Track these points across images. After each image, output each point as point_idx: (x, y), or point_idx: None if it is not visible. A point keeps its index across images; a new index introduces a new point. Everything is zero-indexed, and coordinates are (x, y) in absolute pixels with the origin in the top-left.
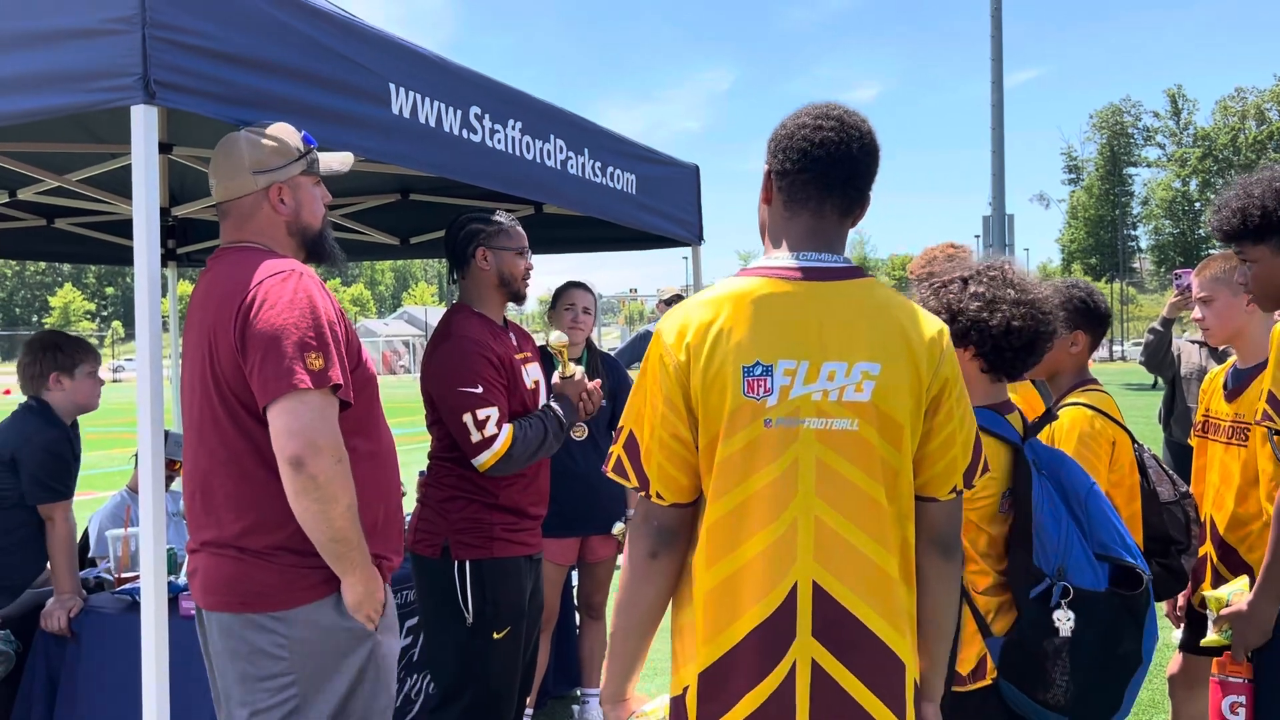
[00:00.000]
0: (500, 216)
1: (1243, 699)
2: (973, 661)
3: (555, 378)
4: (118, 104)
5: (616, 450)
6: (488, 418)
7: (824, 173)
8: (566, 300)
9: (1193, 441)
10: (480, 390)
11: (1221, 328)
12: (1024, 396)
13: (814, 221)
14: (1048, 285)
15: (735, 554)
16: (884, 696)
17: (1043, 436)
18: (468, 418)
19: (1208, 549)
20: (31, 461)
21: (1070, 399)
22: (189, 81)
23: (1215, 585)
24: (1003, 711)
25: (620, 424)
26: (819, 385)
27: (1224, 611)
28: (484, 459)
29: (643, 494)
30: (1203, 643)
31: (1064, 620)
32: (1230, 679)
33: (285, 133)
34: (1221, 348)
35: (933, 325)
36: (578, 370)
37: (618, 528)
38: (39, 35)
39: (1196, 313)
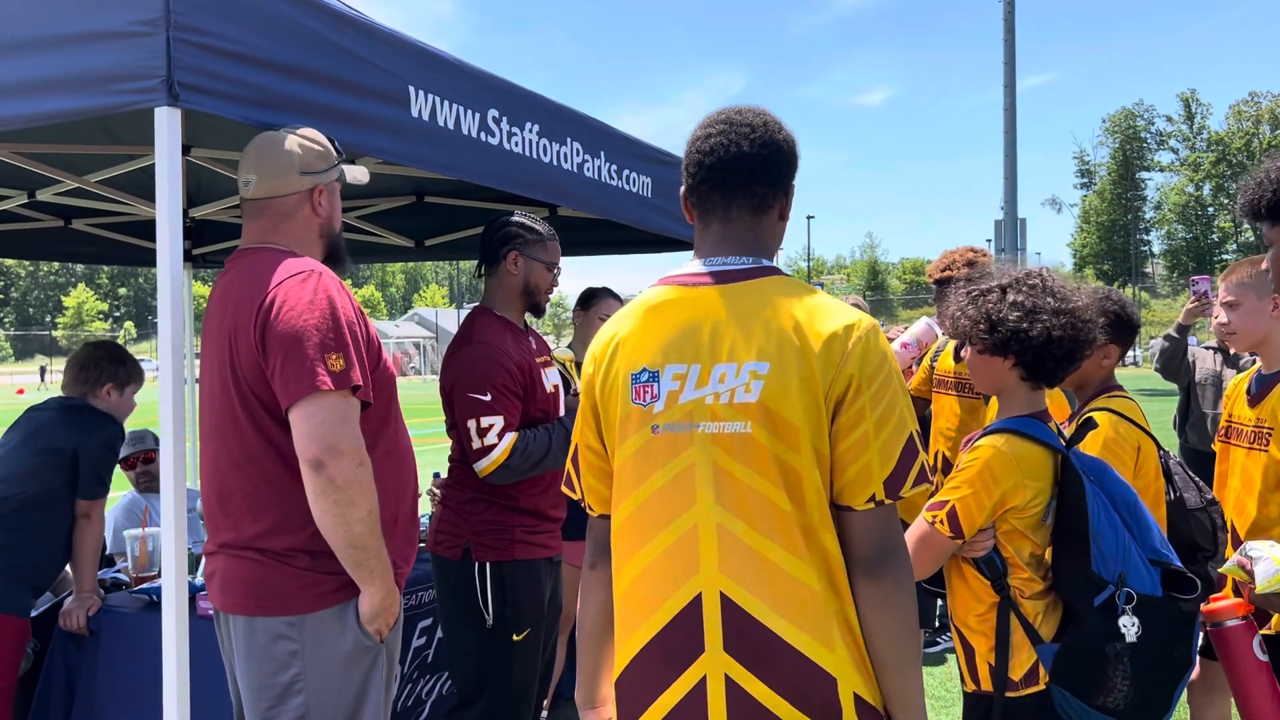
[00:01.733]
0: (540, 227)
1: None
2: (1024, 667)
3: (569, 396)
4: (141, 106)
5: (568, 464)
6: (490, 426)
7: (720, 178)
8: (602, 309)
9: (1216, 447)
10: (489, 398)
11: (1247, 333)
12: (1055, 403)
13: (723, 227)
14: (1085, 293)
15: (634, 560)
16: (810, 712)
17: None
18: (471, 424)
19: (1228, 554)
20: (93, 456)
21: (1095, 405)
22: (212, 84)
23: (1236, 591)
24: (1055, 717)
25: (573, 438)
26: (710, 388)
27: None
28: (482, 466)
29: (583, 505)
30: (1222, 569)
31: (1129, 626)
32: (1237, 620)
33: (322, 138)
34: (1243, 353)
35: (838, 320)
36: None
37: None
38: (63, 38)
39: (1222, 317)
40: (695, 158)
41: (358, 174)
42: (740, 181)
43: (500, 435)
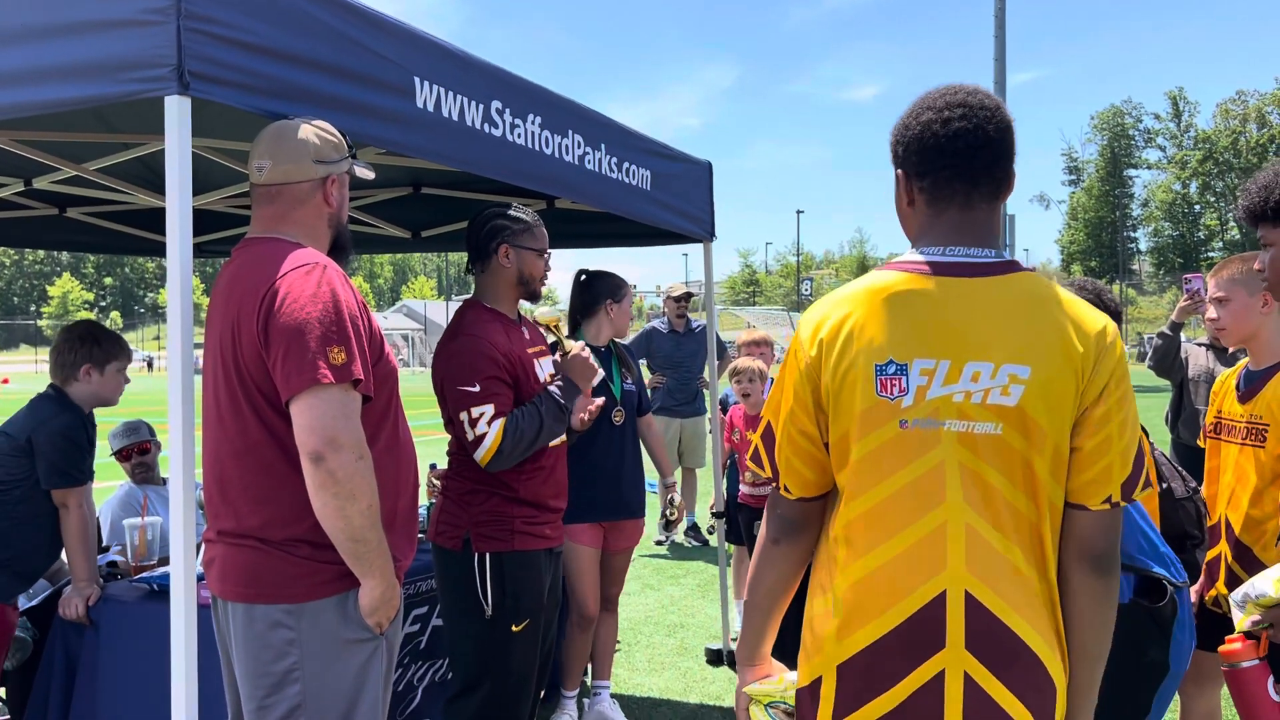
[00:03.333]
0: (525, 214)
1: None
2: None
3: (556, 357)
4: (151, 94)
5: (755, 439)
6: (480, 415)
7: (967, 165)
8: (630, 294)
9: (1203, 443)
10: (477, 389)
11: (1237, 328)
12: None
13: (961, 215)
14: (1070, 289)
15: (875, 552)
16: (1037, 713)
17: None
18: (463, 416)
19: (1222, 549)
20: (46, 445)
21: None
22: (222, 73)
23: (1230, 586)
24: None
25: (760, 413)
26: (960, 386)
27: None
28: (479, 456)
29: (774, 484)
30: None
31: None
32: (1255, 661)
33: (335, 130)
34: (1231, 350)
35: (1096, 322)
36: (574, 345)
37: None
38: (74, 26)
39: (1212, 313)
40: (934, 142)
41: (365, 171)
42: (985, 168)
43: (490, 423)
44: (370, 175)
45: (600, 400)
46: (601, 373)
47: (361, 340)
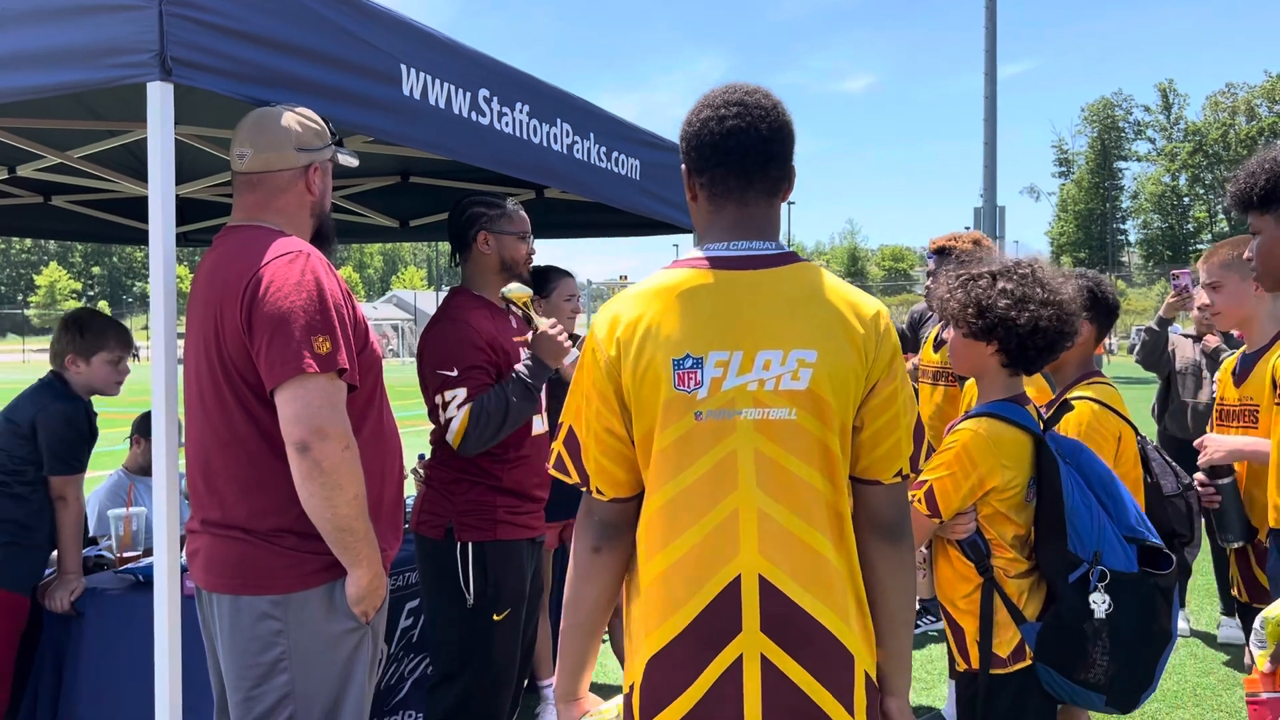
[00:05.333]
0: (502, 200)
1: None
2: (1010, 645)
3: (528, 335)
4: (134, 80)
5: (557, 446)
6: (453, 399)
7: (739, 163)
8: (566, 290)
9: (1214, 432)
10: (454, 373)
11: (1231, 313)
12: (1036, 385)
13: (739, 211)
14: (1071, 284)
15: (673, 545)
16: (833, 689)
17: None
18: (438, 399)
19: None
20: (47, 431)
21: (1075, 392)
22: (205, 59)
23: (1241, 566)
24: (1041, 692)
25: (560, 420)
26: (754, 375)
27: None
28: (450, 439)
29: (584, 489)
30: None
31: (1099, 603)
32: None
33: (317, 117)
34: (1215, 346)
35: (870, 307)
36: (544, 322)
37: None
38: (55, 11)
39: (1205, 299)
40: (710, 140)
41: (348, 159)
42: (758, 166)
43: (460, 406)
44: (353, 163)
45: (575, 353)
46: (575, 352)
47: (346, 329)
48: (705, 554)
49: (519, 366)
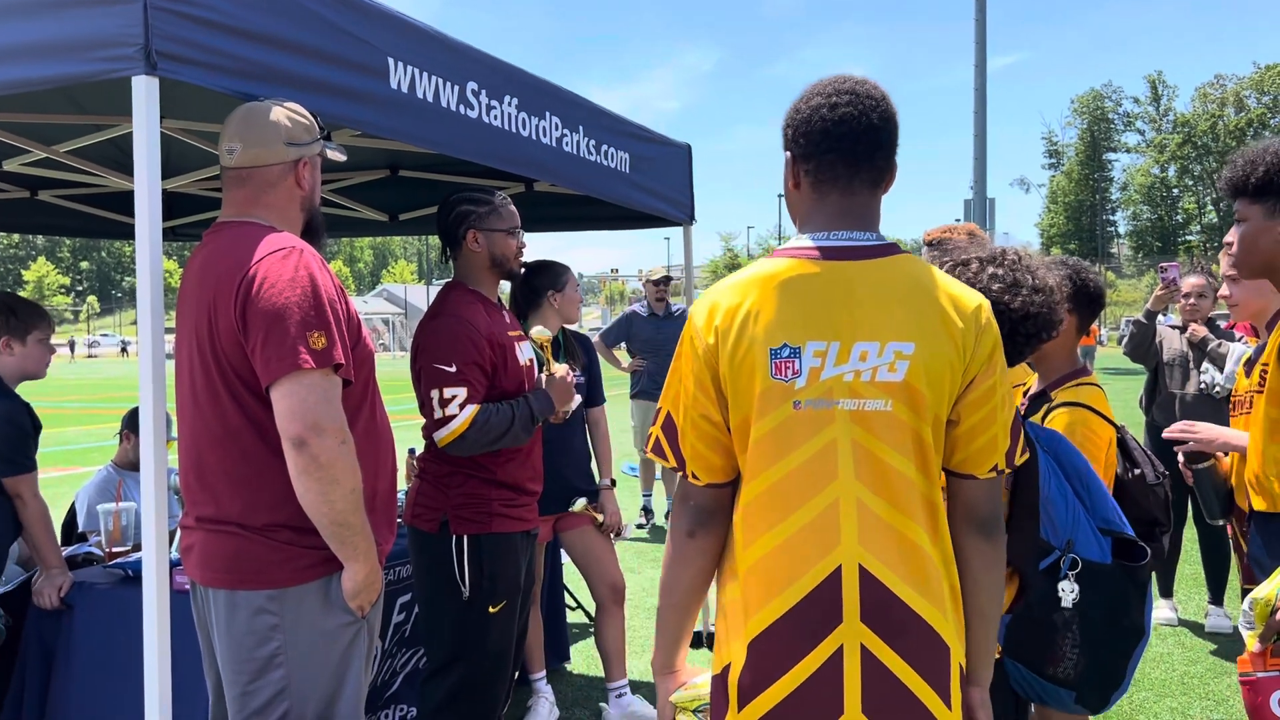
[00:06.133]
0: (489, 195)
1: None
2: None
3: (541, 375)
4: (118, 74)
5: (655, 431)
6: (453, 397)
7: (849, 150)
8: (574, 281)
9: (1231, 421)
10: (454, 369)
11: (1247, 304)
12: (1015, 372)
13: (844, 200)
14: (1055, 273)
15: (772, 533)
16: (932, 681)
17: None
18: (434, 393)
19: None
20: None
21: (1063, 394)
22: (190, 53)
23: (1239, 553)
24: (1008, 690)
25: (659, 405)
26: (850, 366)
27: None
28: (440, 436)
29: (681, 474)
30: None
31: (1067, 591)
32: (1271, 673)
33: (306, 112)
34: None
35: (971, 300)
36: (561, 369)
37: (579, 504)
38: (39, 4)
39: (1224, 290)
40: (821, 126)
41: (336, 154)
42: (866, 154)
43: (461, 407)
44: (342, 157)
45: (578, 399)
46: (579, 399)
47: (340, 324)
48: (806, 542)
49: (530, 399)
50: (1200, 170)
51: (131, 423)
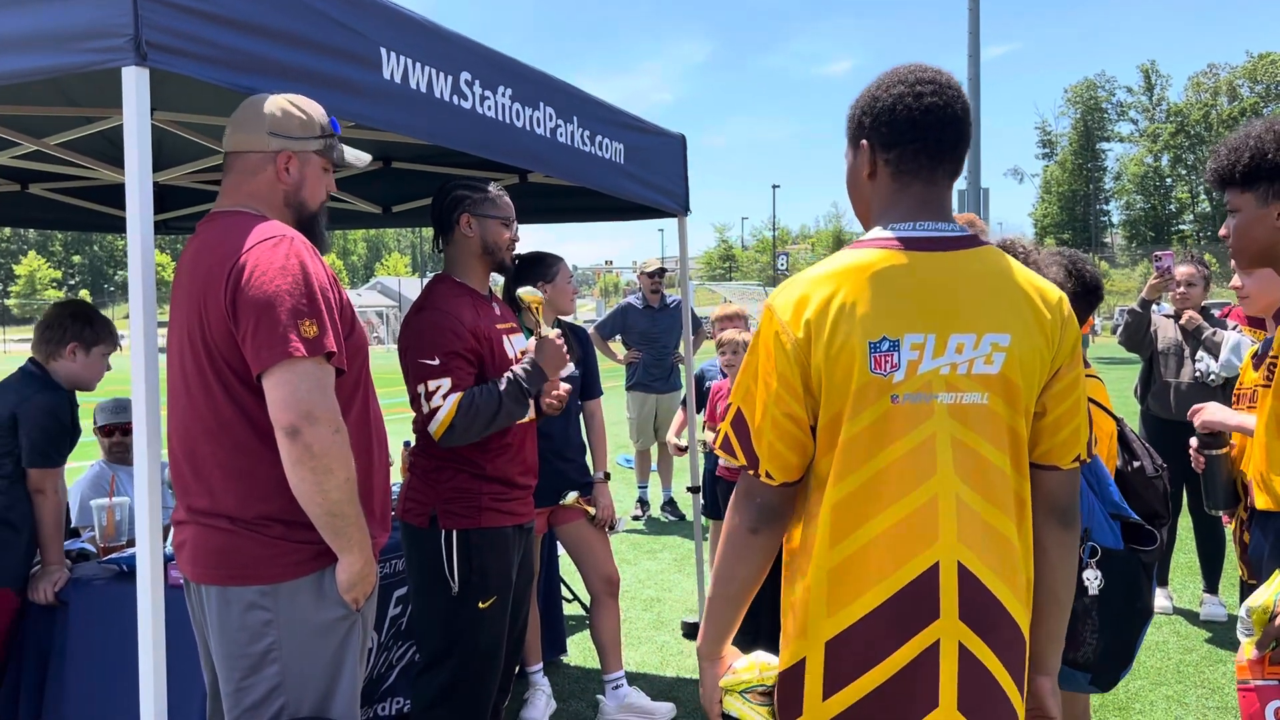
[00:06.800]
0: (486, 184)
1: None
2: None
3: (530, 340)
4: (108, 65)
5: (724, 428)
6: (437, 388)
7: (936, 140)
8: (567, 273)
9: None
10: (436, 362)
11: (1259, 296)
12: None
13: (926, 190)
14: (1056, 267)
15: (867, 526)
16: (1013, 671)
17: None
18: (420, 388)
19: (1239, 514)
20: (30, 422)
21: None
22: (180, 43)
23: (1240, 545)
24: None
25: (729, 400)
26: (947, 358)
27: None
28: (432, 429)
29: (750, 472)
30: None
31: (1093, 580)
32: (1269, 681)
33: (313, 109)
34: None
35: (1054, 291)
36: (550, 331)
37: (570, 497)
38: None
39: (1236, 281)
40: (906, 115)
41: (354, 157)
42: (950, 146)
43: (445, 396)
44: (360, 163)
45: (568, 386)
46: (572, 365)
47: (333, 312)
48: (903, 537)
49: (516, 369)
50: (1194, 159)
51: (106, 417)
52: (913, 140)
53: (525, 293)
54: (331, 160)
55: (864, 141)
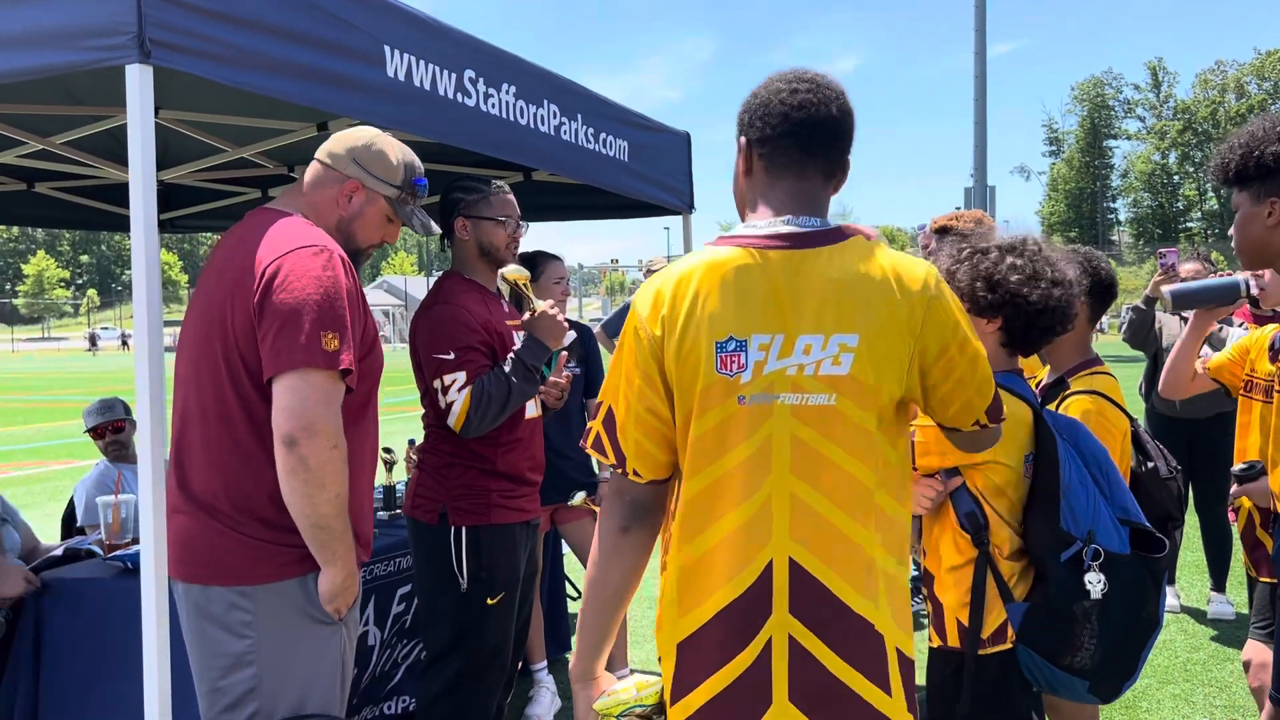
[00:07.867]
0: (484, 183)
1: None
2: (994, 625)
3: (524, 317)
4: (112, 63)
5: (595, 426)
6: (452, 382)
7: (806, 135)
8: (555, 273)
9: (1239, 399)
10: (451, 356)
11: (1275, 293)
12: (1027, 364)
13: (796, 185)
14: (1074, 266)
15: (708, 532)
16: (865, 670)
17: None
18: (436, 384)
19: (1244, 502)
20: None
21: (1078, 383)
22: (184, 41)
23: (1266, 526)
24: (1022, 678)
25: (599, 399)
26: (794, 359)
27: None
28: (451, 423)
29: (619, 470)
30: None
31: (1095, 583)
32: None
33: (404, 159)
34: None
35: (916, 275)
36: (541, 304)
37: (578, 498)
38: None
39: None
40: (779, 109)
41: (422, 227)
42: (822, 143)
43: (460, 390)
44: (423, 234)
45: (568, 374)
46: (573, 333)
47: (356, 330)
48: (742, 540)
49: (517, 348)
50: (1201, 157)
51: (93, 420)
52: (785, 134)
53: (509, 271)
54: (400, 218)
55: (742, 138)
